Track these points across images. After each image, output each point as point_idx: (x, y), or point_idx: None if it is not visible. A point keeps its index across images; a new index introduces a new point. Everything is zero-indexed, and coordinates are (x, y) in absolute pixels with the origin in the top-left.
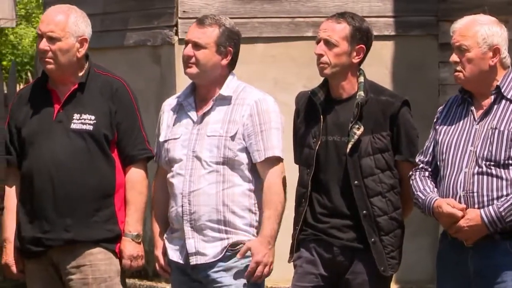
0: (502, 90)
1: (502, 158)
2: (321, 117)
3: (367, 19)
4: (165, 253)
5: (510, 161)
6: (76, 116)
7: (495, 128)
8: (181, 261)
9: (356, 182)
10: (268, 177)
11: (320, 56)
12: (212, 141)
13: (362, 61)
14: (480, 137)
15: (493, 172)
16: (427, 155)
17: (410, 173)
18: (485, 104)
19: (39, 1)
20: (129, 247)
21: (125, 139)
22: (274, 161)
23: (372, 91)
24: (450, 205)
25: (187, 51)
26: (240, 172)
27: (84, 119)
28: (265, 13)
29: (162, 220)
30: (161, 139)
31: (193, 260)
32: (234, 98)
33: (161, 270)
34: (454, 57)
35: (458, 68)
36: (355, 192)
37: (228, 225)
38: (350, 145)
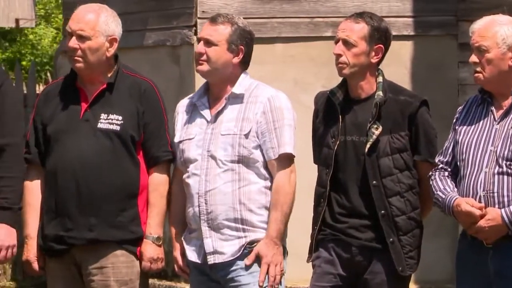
0: None
1: None
2: (340, 117)
3: (386, 19)
4: (183, 254)
5: None
6: (103, 116)
7: None
8: (199, 261)
9: (374, 182)
10: (277, 178)
11: (338, 56)
12: (226, 140)
13: (380, 61)
14: (500, 137)
15: None
16: (447, 155)
17: (430, 173)
18: (505, 104)
19: (58, 1)
20: (150, 250)
21: (151, 140)
22: (286, 158)
23: (391, 91)
24: (469, 203)
25: (199, 48)
26: (255, 169)
27: (112, 119)
28: (284, 13)
29: (180, 221)
30: (176, 140)
31: (211, 259)
32: (247, 96)
33: (180, 271)
34: (474, 58)
35: (477, 69)
36: (373, 192)
37: (245, 223)
38: (368, 145)
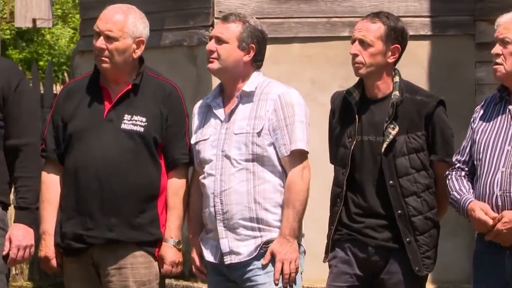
0: None
1: None
2: (356, 116)
3: (403, 19)
4: (201, 254)
5: None
6: (127, 116)
7: None
8: (216, 261)
9: (391, 182)
10: (290, 175)
11: (355, 56)
12: (239, 139)
13: (397, 60)
14: None
15: None
16: (464, 155)
17: (447, 172)
18: None
19: (75, 1)
20: (171, 254)
21: (172, 142)
22: (299, 155)
23: (408, 91)
24: (483, 210)
25: (209, 45)
26: (270, 167)
27: (135, 120)
28: (301, 13)
29: (198, 221)
30: (192, 141)
31: (228, 260)
32: (258, 93)
33: (198, 271)
34: (497, 49)
35: (498, 60)
36: (390, 192)
37: (261, 222)
38: (385, 145)
